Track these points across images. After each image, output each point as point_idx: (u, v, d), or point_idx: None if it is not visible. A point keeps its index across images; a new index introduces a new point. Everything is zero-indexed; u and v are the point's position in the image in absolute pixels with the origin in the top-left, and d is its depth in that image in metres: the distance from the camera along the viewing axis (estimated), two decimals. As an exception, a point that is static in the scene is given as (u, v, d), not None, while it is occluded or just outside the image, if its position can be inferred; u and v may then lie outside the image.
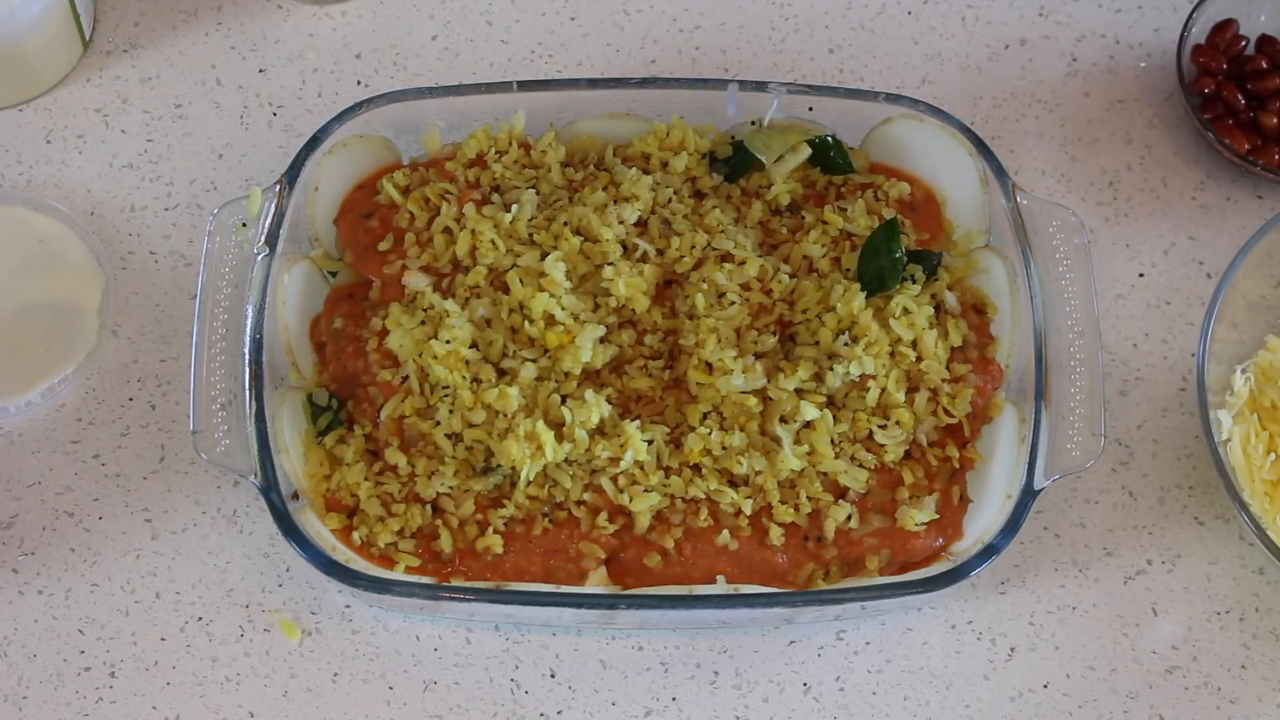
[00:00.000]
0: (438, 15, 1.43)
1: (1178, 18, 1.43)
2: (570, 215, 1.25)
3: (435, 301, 1.23)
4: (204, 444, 1.19)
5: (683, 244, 1.25)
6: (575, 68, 1.41)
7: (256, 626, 1.25)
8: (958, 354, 1.25)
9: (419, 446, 1.22)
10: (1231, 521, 1.29)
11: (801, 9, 1.44)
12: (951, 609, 1.26)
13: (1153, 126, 1.40)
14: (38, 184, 1.37)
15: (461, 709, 1.23)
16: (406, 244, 1.26)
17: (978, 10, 1.44)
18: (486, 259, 1.24)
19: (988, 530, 1.19)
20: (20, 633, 1.25)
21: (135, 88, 1.40)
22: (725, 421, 1.22)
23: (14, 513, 1.28)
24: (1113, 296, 1.35)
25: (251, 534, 1.27)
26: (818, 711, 1.24)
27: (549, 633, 1.25)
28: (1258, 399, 1.27)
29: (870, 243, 1.25)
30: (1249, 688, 1.25)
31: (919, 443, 1.23)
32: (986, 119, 1.40)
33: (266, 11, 1.43)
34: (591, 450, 1.20)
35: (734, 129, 1.31)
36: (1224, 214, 1.38)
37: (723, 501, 1.20)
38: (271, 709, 1.23)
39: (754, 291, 1.25)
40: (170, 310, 1.33)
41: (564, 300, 1.22)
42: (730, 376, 1.21)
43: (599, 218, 1.24)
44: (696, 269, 1.25)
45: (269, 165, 1.37)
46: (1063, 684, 1.25)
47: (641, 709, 1.24)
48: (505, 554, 1.20)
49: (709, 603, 1.18)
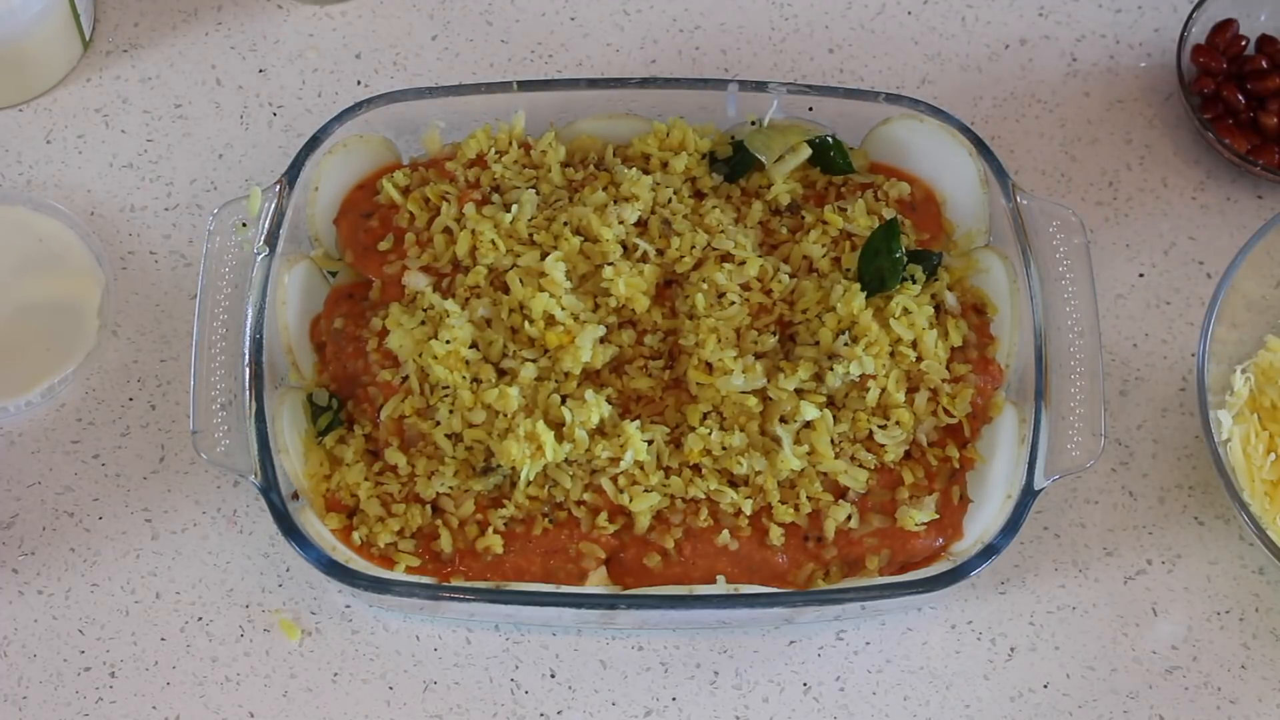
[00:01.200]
0: (438, 15, 1.43)
1: (1178, 18, 1.43)
2: (570, 215, 1.25)
3: (435, 301, 1.23)
4: (204, 444, 1.19)
5: (683, 244, 1.25)
6: (575, 68, 1.41)
7: (256, 626, 1.25)
8: (958, 354, 1.25)
9: (419, 446, 1.22)
10: (1231, 521, 1.29)
11: (801, 9, 1.44)
12: (951, 609, 1.26)
13: (1153, 126, 1.40)
14: (38, 184, 1.37)
15: (461, 709, 1.23)
16: (406, 244, 1.26)
17: (978, 10, 1.44)
18: (486, 259, 1.24)
19: (988, 530, 1.19)
20: (20, 633, 1.25)
21: (135, 88, 1.40)
22: (725, 421, 1.22)
23: (14, 513, 1.28)
24: (1113, 296, 1.35)
25: (251, 534, 1.27)
26: (818, 711, 1.24)
27: (549, 633, 1.25)
28: (1258, 399, 1.27)
29: (870, 243, 1.25)
30: (1249, 688, 1.25)
31: (919, 443, 1.23)
32: (986, 119, 1.40)
33: (266, 11, 1.43)
34: (591, 450, 1.20)
35: (734, 129, 1.31)
36: (1224, 214, 1.38)
37: (723, 502, 1.20)
38: (271, 709, 1.23)
39: (754, 291, 1.25)
40: (170, 310, 1.33)
41: (564, 300, 1.22)
42: (730, 376, 1.21)
43: (599, 218, 1.24)
44: (696, 269, 1.25)
45: (269, 165, 1.37)
46: (1063, 684, 1.25)
47: (641, 709, 1.24)
48: (505, 554, 1.20)
49: (709, 603, 1.18)
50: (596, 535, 1.20)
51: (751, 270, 1.24)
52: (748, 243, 1.26)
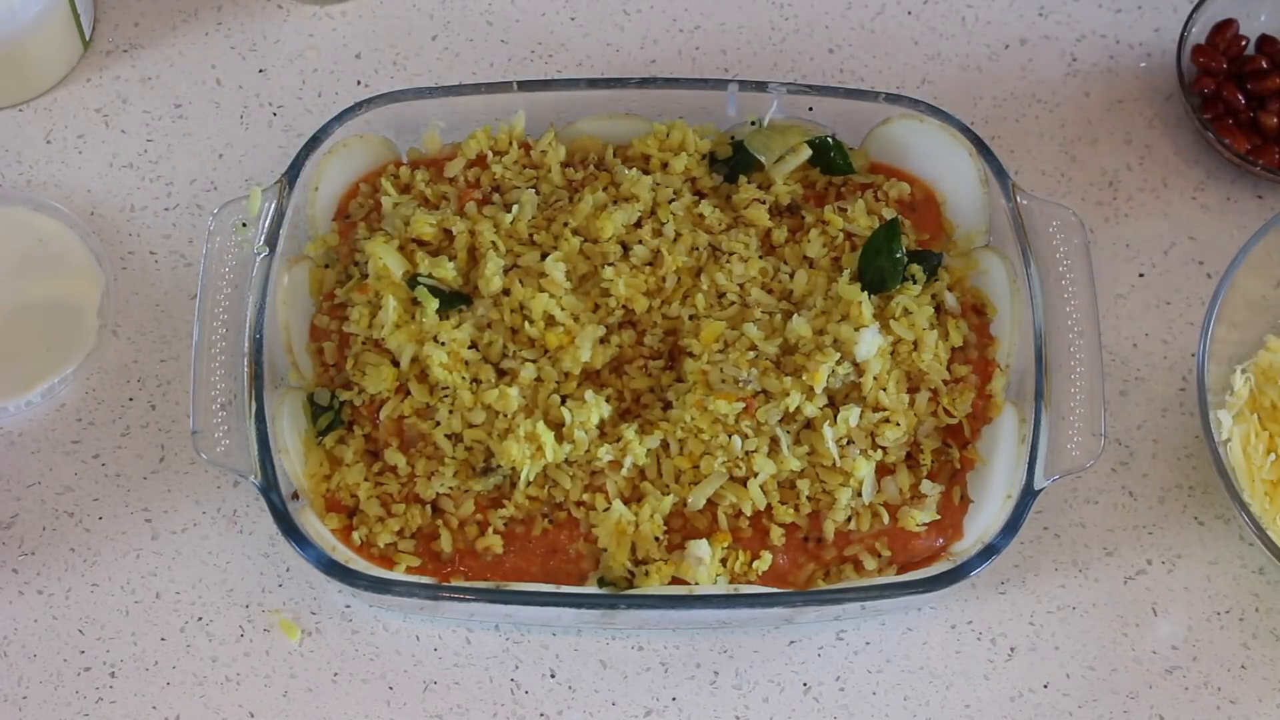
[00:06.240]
0: (438, 15, 1.43)
1: (1178, 18, 1.43)
2: (570, 215, 1.25)
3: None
4: (204, 444, 1.19)
5: (683, 244, 1.25)
6: (575, 68, 1.41)
7: (256, 626, 1.25)
8: (958, 354, 1.25)
9: (419, 447, 1.22)
10: (1231, 521, 1.29)
11: (801, 9, 1.44)
12: (951, 609, 1.26)
13: (1153, 126, 1.40)
14: (38, 184, 1.37)
15: (461, 709, 1.23)
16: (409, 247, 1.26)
17: (978, 10, 1.44)
18: (487, 259, 1.24)
19: (988, 530, 1.19)
20: (20, 633, 1.25)
21: (135, 88, 1.40)
22: (725, 422, 1.21)
23: (14, 513, 1.28)
24: (1113, 296, 1.35)
25: (251, 534, 1.27)
26: (818, 711, 1.24)
27: (549, 633, 1.25)
28: (1258, 399, 1.27)
29: (871, 243, 1.25)
30: (1249, 688, 1.25)
31: (919, 443, 1.23)
32: (986, 119, 1.40)
33: (266, 11, 1.43)
34: (591, 451, 1.20)
35: (734, 129, 1.31)
36: (1224, 214, 1.38)
37: (722, 503, 1.20)
38: (271, 709, 1.23)
39: (754, 291, 1.25)
40: (170, 310, 1.33)
41: (564, 301, 1.23)
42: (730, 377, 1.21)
43: (599, 218, 1.24)
44: (696, 269, 1.25)
45: (269, 165, 1.37)
46: (1063, 684, 1.25)
47: (641, 709, 1.24)
48: (505, 554, 1.20)
49: (709, 603, 1.18)
50: (596, 536, 1.20)
51: (752, 270, 1.24)
52: (748, 243, 1.26)
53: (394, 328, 1.22)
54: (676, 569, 1.18)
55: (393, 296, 1.22)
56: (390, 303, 1.22)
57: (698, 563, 1.18)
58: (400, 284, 1.23)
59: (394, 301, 1.22)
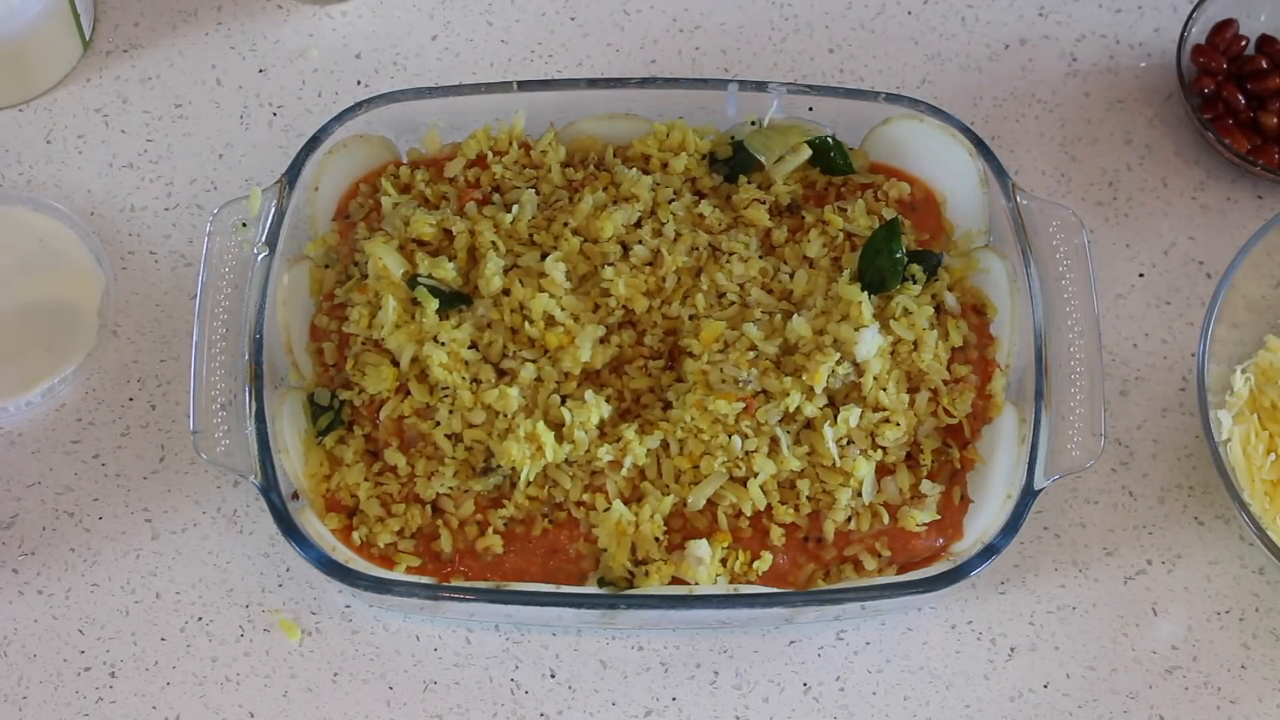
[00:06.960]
0: (438, 15, 1.43)
1: (1178, 18, 1.43)
2: (570, 215, 1.25)
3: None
4: (204, 444, 1.19)
5: (683, 244, 1.25)
6: (575, 68, 1.41)
7: (256, 626, 1.25)
8: (958, 354, 1.25)
9: (419, 447, 1.22)
10: (1231, 521, 1.29)
11: (801, 9, 1.44)
12: (951, 609, 1.26)
13: (1153, 126, 1.40)
14: (38, 184, 1.37)
15: (461, 709, 1.23)
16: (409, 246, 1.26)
17: (978, 10, 1.44)
18: (487, 260, 1.24)
19: (988, 530, 1.19)
20: (20, 633, 1.25)
21: (135, 88, 1.40)
22: (725, 422, 1.21)
23: (14, 513, 1.28)
24: (1113, 296, 1.35)
25: (251, 534, 1.27)
26: (818, 711, 1.24)
27: (549, 633, 1.25)
28: (1258, 399, 1.27)
29: (871, 243, 1.25)
30: (1249, 688, 1.25)
31: (919, 443, 1.23)
32: (986, 119, 1.40)
33: (266, 11, 1.43)
34: (591, 452, 1.20)
35: (734, 129, 1.31)
36: (1224, 214, 1.38)
37: (722, 502, 1.20)
38: (271, 709, 1.23)
39: (754, 291, 1.25)
40: (170, 310, 1.33)
41: (564, 301, 1.23)
42: (730, 377, 1.21)
43: (599, 218, 1.24)
44: (696, 269, 1.25)
45: (269, 165, 1.37)
46: (1063, 684, 1.25)
47: (641, 709, 1.24)
48: (505, 554, 1.20)
49: (709, 603, 1.18)
50: (596, 536, 1.20)
51: (752, 270, 1.24)
52: (748, 243, 1.26)
53: (394, 328, 1.22)
54: (676, 569, 1.18)
55: (392, 296, 1.22)
56: (390, 303, 1.22)
57: (698, 563, 1.18)
58: (400, 284, 1.23)
59: (394, 301, 1.22)
